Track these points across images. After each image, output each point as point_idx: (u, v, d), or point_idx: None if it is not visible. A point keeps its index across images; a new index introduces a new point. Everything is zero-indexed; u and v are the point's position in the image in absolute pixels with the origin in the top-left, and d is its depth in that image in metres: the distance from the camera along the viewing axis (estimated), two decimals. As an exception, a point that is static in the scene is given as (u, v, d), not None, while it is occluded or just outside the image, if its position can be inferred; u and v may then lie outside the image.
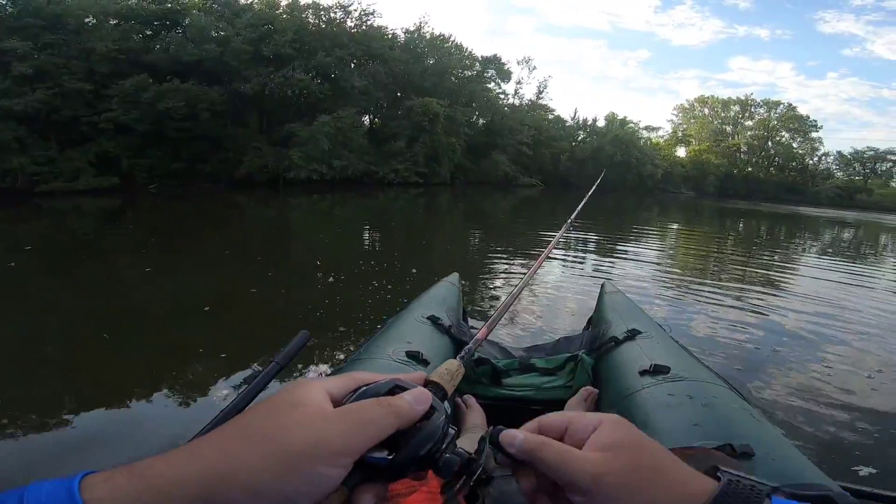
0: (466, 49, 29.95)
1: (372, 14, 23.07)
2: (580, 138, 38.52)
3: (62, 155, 15.56)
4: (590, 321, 2.01)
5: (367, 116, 24.57)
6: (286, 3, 21.25)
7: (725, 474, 0.32)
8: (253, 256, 5.34)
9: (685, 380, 1.17)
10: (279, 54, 18.91)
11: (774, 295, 4.81)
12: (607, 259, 6.19)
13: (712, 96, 58.45)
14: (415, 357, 1.32)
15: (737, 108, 56.05)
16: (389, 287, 4.12)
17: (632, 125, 41.71)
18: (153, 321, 3.10)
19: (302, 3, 21.45)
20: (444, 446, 0.32)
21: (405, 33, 26.33)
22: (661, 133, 54.57)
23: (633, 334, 1.51)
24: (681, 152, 51.39)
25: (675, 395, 1.09)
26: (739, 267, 6.76)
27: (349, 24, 22.64)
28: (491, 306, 3.68)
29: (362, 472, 0.29)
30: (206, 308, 3.23)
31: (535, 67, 57.86)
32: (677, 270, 6.20)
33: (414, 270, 4.98)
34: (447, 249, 6.96)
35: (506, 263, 5.66)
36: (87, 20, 17.71)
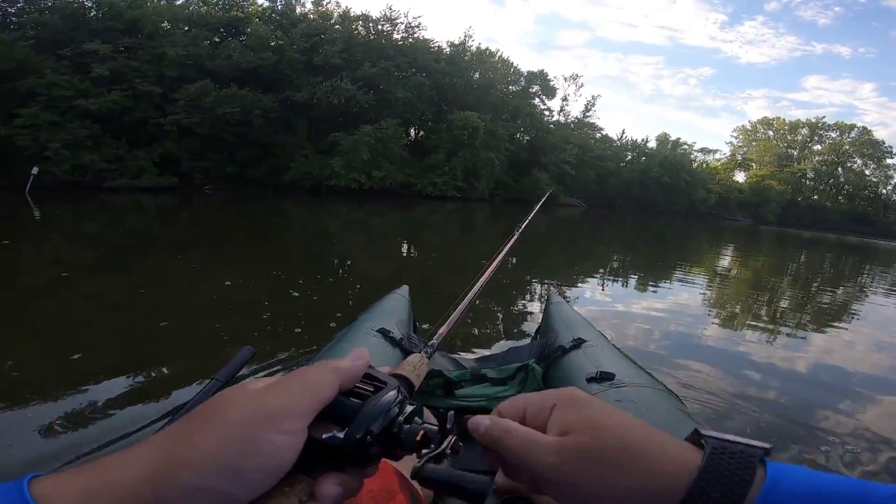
0: (512, 64, 29.93)
1: (418, 27, 23.67)
2: (627, 159, 37.29)
3: (130, 154, 16.75)
4: (538, 331, 2.13)
5: (413, 129, 24.93)
6: (338, 14, 22.05)
7: (710, 441, 0.28)
8: (291, 260, 6.10)
9: (629, 385, 1.24)
10: (329, 64, 19.63)
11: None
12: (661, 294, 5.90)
13: (778, 118, 55.25)
14: None
15: (805, 130, 52.57)
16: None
17: (685, 146, 40.12)
18: (193, 315, 3.49)
19: (353, 14, 22.24)
20: (401, 419, 0.31)
21: (450, 46, 26.63)
22: (717, 156, 52.12)
23: (578, 343, 1.59)
24: (739, 177, 48.76)
25: (622, 400, 1.15)
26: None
27: (396, 36, 23.25)
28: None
29: (323, 457, 0.29)
30: (230, 307, 3.61)
31: (582, 84, 55.93)
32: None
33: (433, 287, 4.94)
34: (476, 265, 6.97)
35: (535, 285, 5.63)
36: (162, 25, 18.90)
